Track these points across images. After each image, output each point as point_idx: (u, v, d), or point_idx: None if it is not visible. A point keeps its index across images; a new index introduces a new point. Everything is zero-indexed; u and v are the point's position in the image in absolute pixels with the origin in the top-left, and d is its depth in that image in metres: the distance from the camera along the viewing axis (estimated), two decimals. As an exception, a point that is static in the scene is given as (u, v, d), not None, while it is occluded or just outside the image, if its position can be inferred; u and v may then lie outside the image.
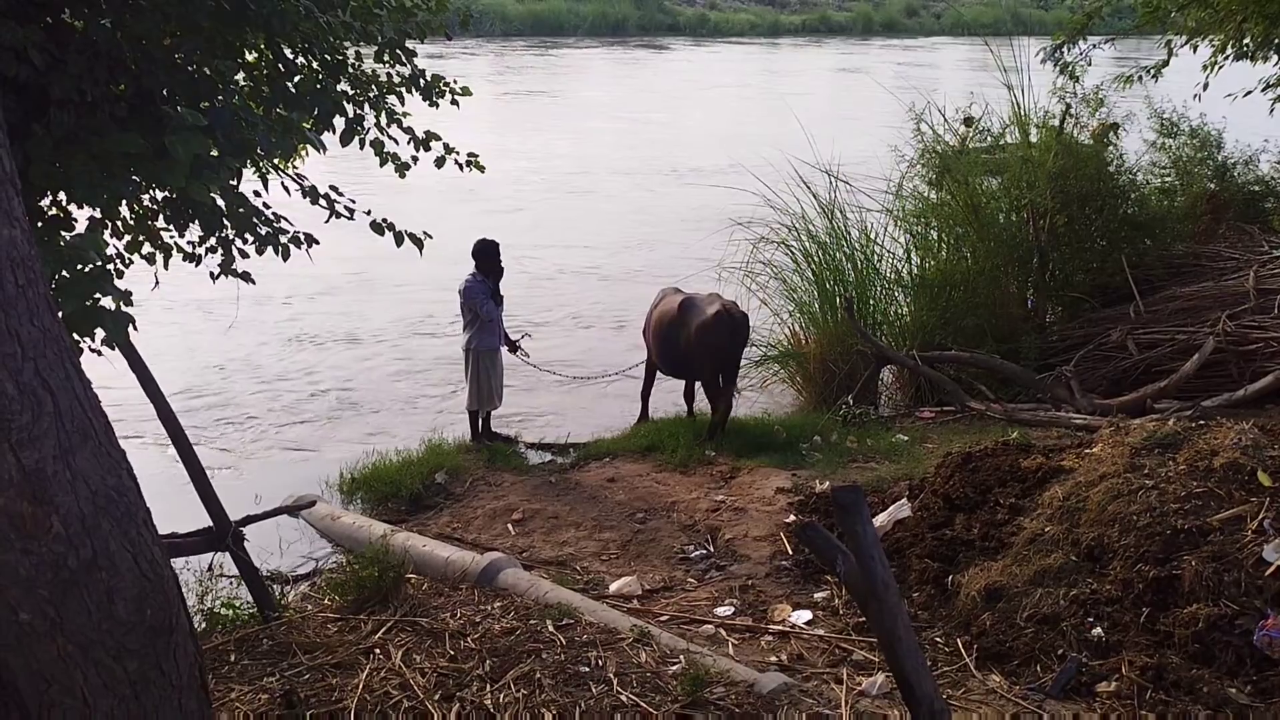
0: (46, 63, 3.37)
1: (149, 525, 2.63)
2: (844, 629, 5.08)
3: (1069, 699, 4.28)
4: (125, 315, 3.39)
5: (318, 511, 6.98)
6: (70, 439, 2.42)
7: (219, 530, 4.91)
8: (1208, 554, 4.55)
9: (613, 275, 13.86)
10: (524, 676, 4.32)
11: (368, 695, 4.18)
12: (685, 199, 17.12)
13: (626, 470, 7.71)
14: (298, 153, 4.66)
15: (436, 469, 7.69)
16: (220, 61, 3.95)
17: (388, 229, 4.73)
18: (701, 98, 30.36)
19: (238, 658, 4.61)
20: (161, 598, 2.62)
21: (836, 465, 7.61)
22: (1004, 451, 6.15)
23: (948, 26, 53.75)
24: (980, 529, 5.45)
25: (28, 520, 2.35)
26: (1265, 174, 11.54)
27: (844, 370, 9.39)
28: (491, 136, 20.32)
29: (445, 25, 4.90)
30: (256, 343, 11.02)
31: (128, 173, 3.71)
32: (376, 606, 5.05)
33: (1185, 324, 8.94)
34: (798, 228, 10.13)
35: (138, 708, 2.58)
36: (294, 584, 6.13)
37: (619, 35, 47.79)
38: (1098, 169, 9.96)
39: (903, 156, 10.70)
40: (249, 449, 8.73)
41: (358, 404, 9.75)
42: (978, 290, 10.01)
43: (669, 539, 6.55)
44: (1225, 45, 9.71)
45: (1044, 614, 4.68)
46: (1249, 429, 5.29)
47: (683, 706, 4.11)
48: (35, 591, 2.39)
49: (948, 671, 4.56)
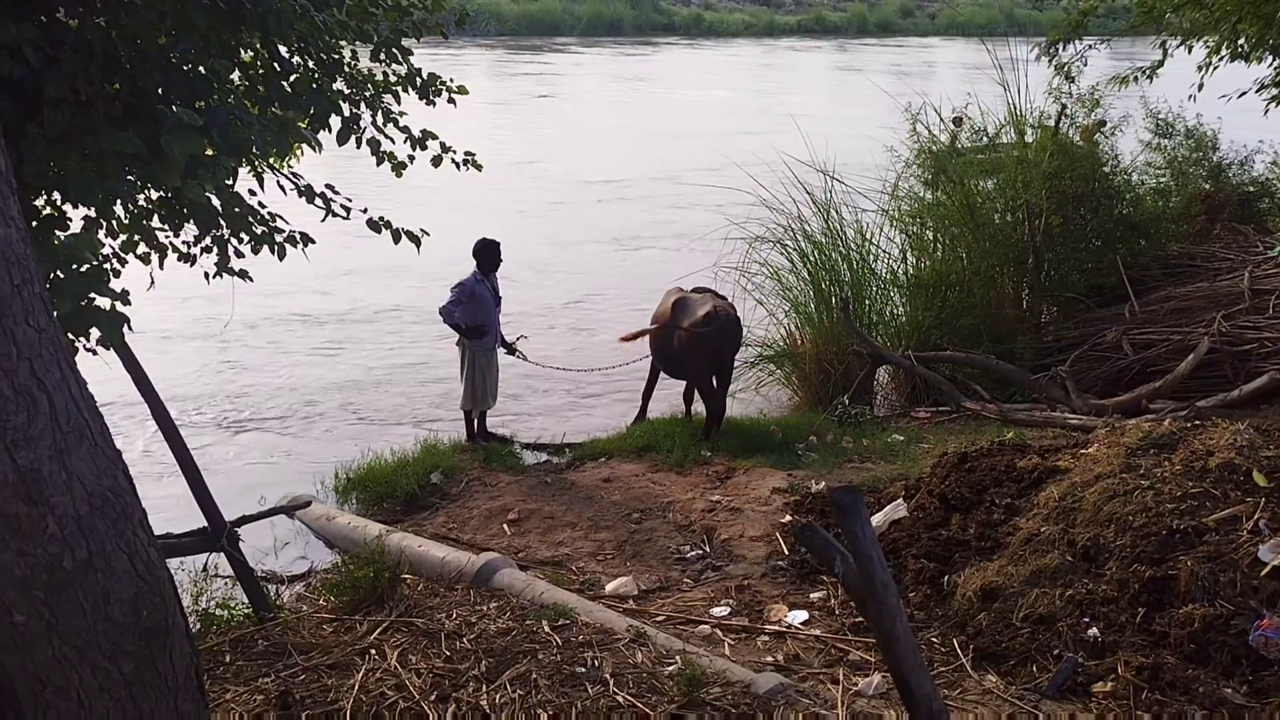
0: (41, 61, 3.35)
1: (145, 526, 2.62)
2: (840, 629, 5.08)
3: (1065, 699, 4.29)
4: (120, 315, 3.38)
5: (313, 512, 6.96)
6: (66, 439, 2.41)
7: (214, 531, 4.90)
8: (1203, 554, 4.56)
9: (612, 274, 13.85)
10: (520, 677, 4.32)
11: (363, 696, 4.17)
12: (681, 198, 17.11)
13: (622, 470, 7.70)
14: (293, 152, 4.65)
15: (432, 469, 7.68)
16: (216, 60, 3.93)
17: (384, 226, 4.73)
18: (696, 97, 30.36)
19: (233, 659, 4.60)
20: (157, 599, 2.61)
21: (832, 465, 7.62)
22: (1000, 452, 6.16)
23: (943, 27, 53.85)
24: (976, 529, 5.46)
25: (23, 521, 2.34)
26: (1260, 174, 11.57)
27: (840, 370, 9.40)
28: (488, 137, 20.29)
29: (441, 24, 4.89)
30: (251, 343, 11.00)
31: (123, 172, 3.70)
32: (372, 607, 5.04)
33: (1180, 324, 8.96)
34: (793, 228, 10.13)
35: (133, 709, 2.56)
36: (289, 585, 6.13)
37: (614, 35, 47.79)
38: (1093, 169, 9.99)
39: (898, 156, 10.71)
40: (244, 448, 8.71)
41: (353, 404, 9.73)
42: (973, 290, 10.03)
43: (665, 539, 6.55)
44: (1220, 46, 9.72)
45: (1040, 614, 4.68)
46: (1244, 429, 5.30)
47: (679, 707, 4.10)
48: (30, 592, 2.37)
49: (944, 672, 4.56)
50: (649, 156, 21.29)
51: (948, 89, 11.76)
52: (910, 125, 10.62)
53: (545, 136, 23.51)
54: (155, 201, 4.27)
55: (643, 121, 26.05)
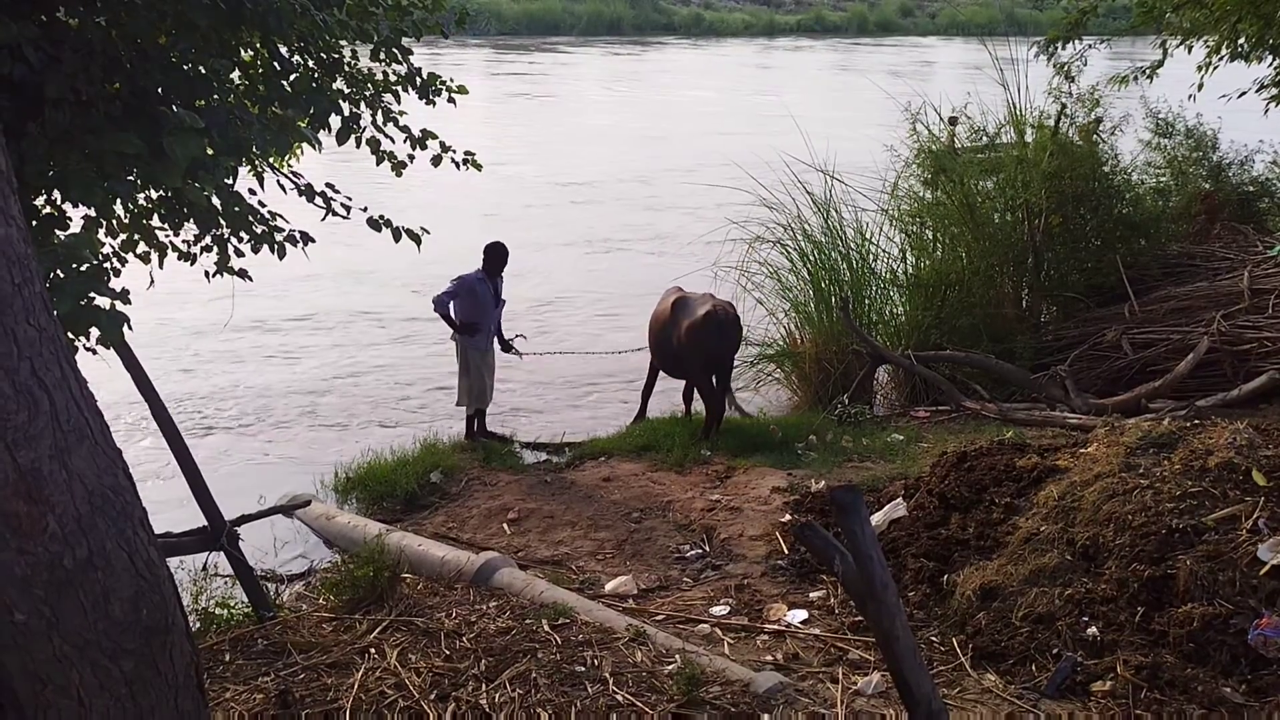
0: (41, 61, 3.36)
1: (145, 525, 2.62)
2: (839, 628, 5.08)
3: (1064, 698, 4.29)
4: (120, 314, 3.38)
5: (313, 511, 6.96)
6: (66, 438, 2.41)
7: (214, 530, 4.90)
8: (1202, 553, 4.56)
9: (610, 275, 13.84)
10: (520, 676, 4.32)
11: (363, 695, 4.18)
12: (680, 198, 17.10)
13: (622, 470, 7.70)
14: (293, 151, 4.65)
15: (431, 468, 7.69)
16: (216, 60, 3.94)
17: (385, 225, 4.73)
18: (696, 97, 30.34)
19: (233, 657, 4.60)
20: (157, 597, 2.61)
21: (832, 465, 7.62)
22: (999, 451, 6.16)
23: (943, 27, 53.84)
24: (975, 528, 5.46)
25: (23, 520, 2.34)
26: (1260, 174, 11.58)
27: (839, 370, 9.41)
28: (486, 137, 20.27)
29: (441, 23, 4.89)
30: (251, 342, 11.00)
31: (123, 172, 3.70)
32: (372, 606, 5.04)
33: (1180, 324, 8.97)
34: (793, 227, 10.13)
35: (134, 707, 2.57)
36: (289, 584, 6.13)
37: (614, 34, 47.78)
38: (1093, 169, 9.99)
39: (898, 156, 10.71)
40: (245, 448, 8.71)
41: (352, 403, 9.73)
42: (973, 290, 10.03)
43: (664, 538, 6.55)
44: (1220, 46, 9.72)
45: (1039, 613, 4.68)
46: (1243, 428, 5.30)
47: (679, 706, 4.11)
48: (31, 591, 2.37)
49: (943, 671, 4.56)
50: (645, 156, 21.26)
51: (948, 89, 11.76)
52: (910, 125, 10.62)
53: (523, 137, 23.39)
54: (155, 201, 4.27)
55: (637, 121, 26.01)
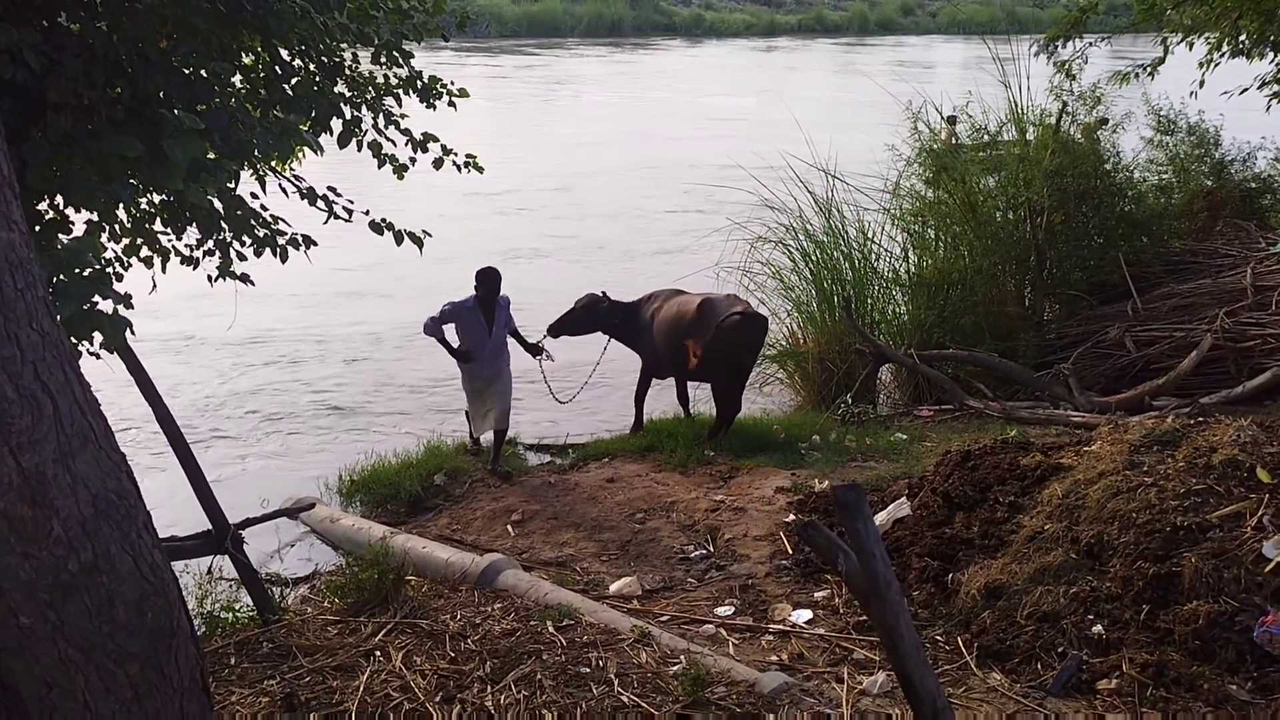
0: (43, 66, 3.36)
1: (149, 528, 2.63)
2: (844, 628, 5.07)
3: (1070, 696, 4.28)
4: (123, 319, 3.38)
5: (317, 514, 6.97)
6: (70, 442, 2.41)
7: (218, 533, 4.91)
8: (1207, 551, 4.55)
9: (610, 276, 13.82)
10: (525, 678, 4.32)
11: (368, 697, 4.18)
12: (682, 198, 17.10)
13: (626, 471, 7.70)
14: (295, 155, 4.65)
15: (435, 471, 7.69)
16: (217, 64, 3.94)
17: (387, 228, 4.73)
18: (695, 97, 30.34)
19: (238, 661, 4.61)
20: (162, 601, 2.61)
21: (835, 464, 7.61)
22: (1003, 449, 6.15)
23: (944, 25, 53.86)
24: (980, 527, 5.45)
25: (28, 524, 2.34)
26: (1262, 171, 11.57)
27: (842, 369, 9.40)
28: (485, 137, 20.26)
29: (442, 27, 4.89)
30: (252, 344, 11.01)
31: (125, 176, 3.71)
32: (376, 608, 5.05)
33: (1183, 321, 8.95)
34: (795, 227, 10.13)
35: (139, 711, 2.57)
36: (293, 587, 6.13)
37: (614, 36, 47.80)
38: (1094, 166, 9.98)
39: (900, 155, 10.71)
40: (248, 451, 8.72)
41: (356, 405, 9.74)
42: (975, 289, 10.02)
43: (669, 539, 6.54)
44: (1221, 43, 9.71)
45: (1044, 612, 4.68)
46: (1248, 425, 5.29)
47: (684, 706, 4.11)
48: (36, 595, 2.38)
49: (948, 670, 4.56)
50: (646, 155, 21.25)
51: (949, 87, 11.76)
52: (911, 123, 10.61)
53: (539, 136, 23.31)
54: (157, 205, 4.28)
55: (638, 120, 26.01)
